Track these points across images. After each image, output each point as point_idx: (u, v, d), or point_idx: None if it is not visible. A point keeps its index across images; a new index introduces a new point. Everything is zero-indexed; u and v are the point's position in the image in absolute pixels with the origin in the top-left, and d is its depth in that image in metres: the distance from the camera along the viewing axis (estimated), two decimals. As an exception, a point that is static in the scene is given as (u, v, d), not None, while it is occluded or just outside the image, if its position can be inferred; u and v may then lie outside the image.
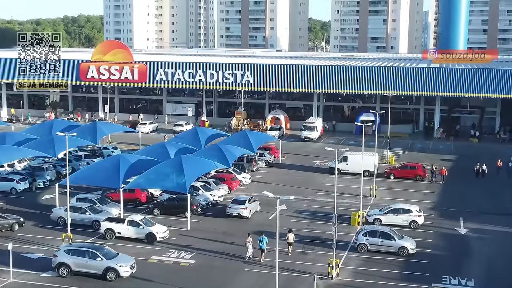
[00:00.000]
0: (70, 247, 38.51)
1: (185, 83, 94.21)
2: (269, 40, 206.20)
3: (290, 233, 42.44)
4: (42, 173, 60.41)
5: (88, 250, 37.76)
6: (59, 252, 38.04)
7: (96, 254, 37.52)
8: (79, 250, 37.76)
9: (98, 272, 37.14)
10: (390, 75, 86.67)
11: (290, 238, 42.23)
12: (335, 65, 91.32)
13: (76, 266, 37.28)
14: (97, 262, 37.22)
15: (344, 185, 59.71)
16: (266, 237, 41.07)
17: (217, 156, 57.62)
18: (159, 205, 51.46)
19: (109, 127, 76.37)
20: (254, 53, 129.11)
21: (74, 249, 38.00)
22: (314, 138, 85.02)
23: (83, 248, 38.08)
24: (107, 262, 37.20)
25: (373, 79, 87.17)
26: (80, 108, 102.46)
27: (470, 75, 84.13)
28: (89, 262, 37.22)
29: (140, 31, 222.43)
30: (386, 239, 42.44)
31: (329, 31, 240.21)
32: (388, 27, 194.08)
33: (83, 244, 39.61)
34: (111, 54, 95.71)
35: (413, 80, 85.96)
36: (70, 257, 37.37)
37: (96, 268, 37.17)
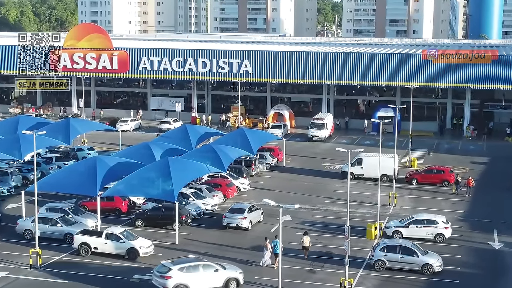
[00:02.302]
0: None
1: (173, 74, 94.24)
2: (271, 24, 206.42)
3: (305, 236, 44.58)
4: (6, 178, 60.34)
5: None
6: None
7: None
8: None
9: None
10: (412, 64, 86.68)
11: (306, 241, 44.31)
12: (348, 52, 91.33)
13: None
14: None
15: (358, 192, 59.72)
16: (278, 240, 41.84)
17: (211, 159, 57.57)
18: (142, 216, 51.41)
19: (84, 124, 76.46)
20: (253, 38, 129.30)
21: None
22: (323, 137, 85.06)
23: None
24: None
25: (392, 69, 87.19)
26: (51, 103, 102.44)
27: (506, 64, 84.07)
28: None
29: (121, 13, 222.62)
30: (407, 255, 42.35)
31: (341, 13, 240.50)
32: (410, 8, 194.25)
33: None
34: (87, 40, 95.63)
35: (439, 70, 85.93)
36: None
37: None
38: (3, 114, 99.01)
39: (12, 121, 73.96)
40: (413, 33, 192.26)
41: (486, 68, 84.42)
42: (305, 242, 44.57)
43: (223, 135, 71.17)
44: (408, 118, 76.48)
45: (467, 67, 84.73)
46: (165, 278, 37.83)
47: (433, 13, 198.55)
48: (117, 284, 39.99)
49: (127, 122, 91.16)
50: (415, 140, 78.17)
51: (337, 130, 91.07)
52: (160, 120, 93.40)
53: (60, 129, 68.66)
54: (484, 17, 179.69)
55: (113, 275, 41.10)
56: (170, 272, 37.92)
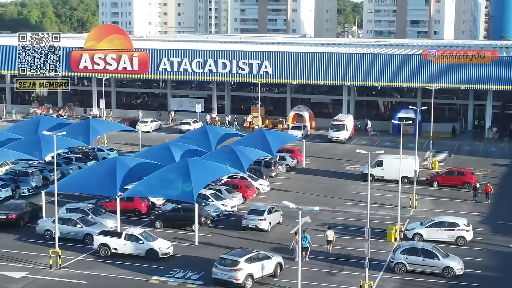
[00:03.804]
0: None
1: (193, 74, 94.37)
2: (291, 24, 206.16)
3: (329, 230, 45.79)
4: (26, 178, 60.60)
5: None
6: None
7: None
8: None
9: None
10: (433, 65, 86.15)
11: (330, 235, 45.47)
12: (369, 53, 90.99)
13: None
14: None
15: (378, 194, 59.45)
16: (308, 235, 43.78)
17: (230, 160, 57.55)
18: (161, 217, 51.46)
19: (105, 125, 76.71)
20: (273, 39, 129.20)
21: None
22: (343, 138, 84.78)
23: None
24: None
25: (413, 70, 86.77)
26: (71, 103, 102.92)
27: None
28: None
29: (141, 14, 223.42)
30: (428, 257, 42.08)
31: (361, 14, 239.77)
32: (431, 8, 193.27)
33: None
34: (107, 41, 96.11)
35: (460, 71, 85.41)
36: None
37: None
38: (24, 114, 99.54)
39: (33, 121, 74.37)
40: (434, 34, 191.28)
41: (508, 68, 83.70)
42: (329, 236, 45.58)
43: (242, 136, 71.13)
44: (429, 119, 75.94)
45: (488, 67, 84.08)
46: (237, 270, 39.11)
47: (454, 14, 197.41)
48: (136, 285, 40.01)
49: (147, 123, 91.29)
50: (436, 141, 77.67)
51: (357, 131, 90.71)
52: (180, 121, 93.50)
53: (81, 129, 68.97)
54: (505, 17, 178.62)
55: (132, 276, 41.17)
56: (240, 265, 39.26)
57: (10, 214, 50.17)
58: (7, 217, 49.97)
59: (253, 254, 40.79)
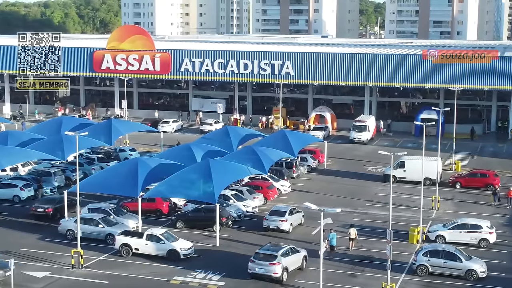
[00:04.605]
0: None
1: (214, 75, 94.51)
2: (313, 25, 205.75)
3: (352, 228, 46.44)
4: (49, 178, 61.05)
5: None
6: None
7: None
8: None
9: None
10: (455, 65, 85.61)
11: (352, 233, 46.17)
12: (391, 54, 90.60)
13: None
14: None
15: (400, 195, 59.19)
16: (335, 233, 45.06)
17: (251, 160, 57.52)
18: (183, 217, 51.56)
19: (126, 125, 76.93)
20: (295, 40, 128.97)
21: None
22: (365, 139, 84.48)
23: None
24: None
25: (435, 71, 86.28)
26: (93, 104, 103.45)
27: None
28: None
29: (163, 14, 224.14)
30: (450, 260, 41.84)
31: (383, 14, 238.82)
32: (454, 9, 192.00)
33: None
34: (129, 41, 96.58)
35: (483, 72, 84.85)
36: None
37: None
38: (47, 114, 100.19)
39: (56, 122, 74.81)
40: (457, 35, 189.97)
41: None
42: (351, 234, 46.18)
43: (264, 137, 71.10)
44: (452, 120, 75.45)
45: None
46: (275, 264, 40.25)
47: (478, 15, 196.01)
48: (157, 285, 40.11)
49: (169, 123, 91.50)
50: (459, 143, 77.15)
51: (380, 132, 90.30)
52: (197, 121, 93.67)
53: (103, 130, 69.26)
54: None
55: (154, 277, 41.27)
56: (277, 259, 40.45)
57: (47, 208, 51.62)
58: (44, 210, 51.77)
59: (287, 248, 41.99)
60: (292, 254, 41.89)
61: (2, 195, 57.46)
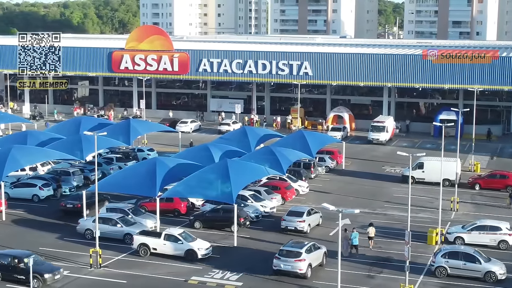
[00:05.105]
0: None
1: (232, 75, 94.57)
2: (332, 25, 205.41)
3: (370, 227, 46.88)
4: (68, 178, 61.38)
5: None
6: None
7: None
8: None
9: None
10: (475, 66, 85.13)
11: (371, 232, 46.61)
12: (409, 54, 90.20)
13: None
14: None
15: (419, 196, 58.94)
16: (357, 232, 45.50)
17: (269, 161, 57.49)
18: (201, 217, 51.64)
19: (145, 125, 77.16)
20: (313, 40, 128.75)
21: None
22: (384, 140, 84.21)
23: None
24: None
25: (454, 71, 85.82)
26: (112, 104, 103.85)
27: None
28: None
29: (182, 15, 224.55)
30: (469, 261, 41.63)
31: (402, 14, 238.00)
32: (474, 9, 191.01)
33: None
34: (148, 42, 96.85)
35: (503, 72, 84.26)
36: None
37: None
38: (66, 114, 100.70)
39: (74, 121, 75.17)
40: (477, 35, 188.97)
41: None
42: (370, 232, 46.57)
43: (282, 137, 71.06)
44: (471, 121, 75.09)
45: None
46: (300, 261, 40.95)
47: (498, 15, 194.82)
48: (175, 285, 40.21)
49: (187, 123, 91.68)
50: (478, 144, 76.73)
51: (403, 133, 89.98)
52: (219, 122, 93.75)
53: (121, 130, 69.51)
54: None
55: (171, 276, 41.37)
56: (302, 255, 41.16)
57: (77, 203, 52.31)
58: (73, 206, 52.72)
59: (310, 244, 42.65)
60: (314, 251, 42.56)
61: (21, 194, 57.89)
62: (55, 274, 39.80)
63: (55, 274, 39.78)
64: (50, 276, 39.50)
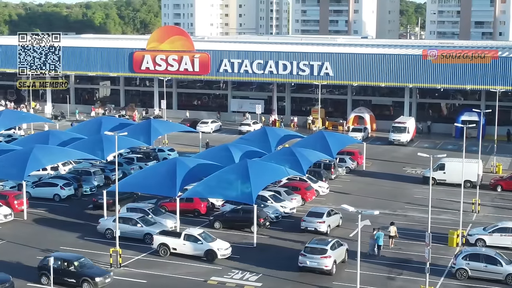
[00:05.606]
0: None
1: (253, 76, 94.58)
2: (353, 25, 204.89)
3: (392, 226, 47.34)
4: (89, 177, 61.70)
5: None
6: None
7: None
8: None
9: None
10: (497, 66, 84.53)
11: (392, 231, 47.04)
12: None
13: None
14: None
15: (440, 198, 58.64)
16: (382, 232, 45.63)
17: (290, 161, 57.46)
18: (220, 218, 51.71)
19: (165, 126, 77.37)
20: (334, 40, 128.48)
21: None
22: (405, 141, 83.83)
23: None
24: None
25: (477, 72, 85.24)
26: (133, 104, 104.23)
27: None
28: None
29: (203, 15, 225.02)
30: (491, 264, 41.39)
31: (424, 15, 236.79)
32: (497, 9, 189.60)
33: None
34: (169, 42, 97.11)
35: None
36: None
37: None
38: (88, 114, 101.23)
39: (96, 121, 75.57)
40: (500, 35, 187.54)
41: None
42: (391, 231, 46.96)
43: (302, 137, 70.97)
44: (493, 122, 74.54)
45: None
46: (326, 258, 41.68)
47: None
48: (194, 285, 40.29)
49: (208, 123, 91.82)
50: (500, 145, 76.17)
51: (419, 134, 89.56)
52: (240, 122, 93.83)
53: (142, 130, 69.77)
54: None
55: (191, 277, 41.47)
56: (328, 252, 41.90)
57: (108, 199, 51.92)
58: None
59: (334, 241, 43.32)
60: (338, 247, 43.23)
61: (43, 193, 58.32)
62: (105, 277, 39.73)
63: (105, 278, 39.71)
64: (101, 280, 39.39)
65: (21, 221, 52.50)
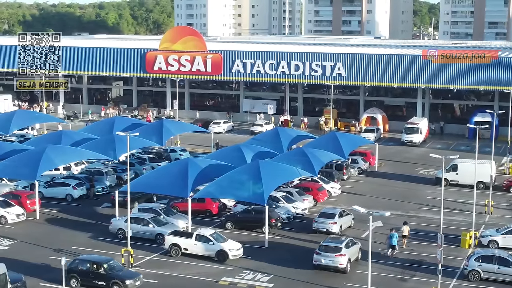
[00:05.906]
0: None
1: (265, 76, 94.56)
2: (366, 26, 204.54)
3: (405, 226, 47.39)
4: (101, 177, 61.85)
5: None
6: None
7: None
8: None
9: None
10: (511, 67, 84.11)
11: (405, 230, 47.09)
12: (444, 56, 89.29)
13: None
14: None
15: (453, 199, 58.45)
16: (396, 233, 45.49)
17: (302, 162, 57.40)
18: (232, 218, 51.70)
19: (177, 126, 77.48)
20: (347, 41, 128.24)
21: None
22: (417, 142, 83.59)
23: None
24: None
25: (490, 72, 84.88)
26: (146, 104, 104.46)
27: None
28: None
29: (216, 15, 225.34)
30: (503, 265, 41.16)
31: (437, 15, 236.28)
32: (511, 9, 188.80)
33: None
34: (182, 42, 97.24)
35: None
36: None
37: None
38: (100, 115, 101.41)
39: (108, 122, 75.76)
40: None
41: None
42: (404, 231, 47.01)
43: (314, 138, 70.87)
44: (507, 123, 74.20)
45: None
46: (341, 256, 42.08)
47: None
48: (206, 285, 40.31)
49: (220, 124, 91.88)
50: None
51: (432, 135, 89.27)
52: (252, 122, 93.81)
53: (154, 130, 69.91)
54: None
55: (202, 277, 41.49)
56: (343, 250, 42.34)
57: (126, 197, 51.56)
58: (124, 199, 52.03)
59: (348, 240, 43.79)
60: (352, 246, 43.58)
61: (55, 193, 58.54)
62: (135, 280, 39.51)
63: (136, 280, 39.49)
64: (131, 283, 39.15)
65: (34, 221, 52.74)
